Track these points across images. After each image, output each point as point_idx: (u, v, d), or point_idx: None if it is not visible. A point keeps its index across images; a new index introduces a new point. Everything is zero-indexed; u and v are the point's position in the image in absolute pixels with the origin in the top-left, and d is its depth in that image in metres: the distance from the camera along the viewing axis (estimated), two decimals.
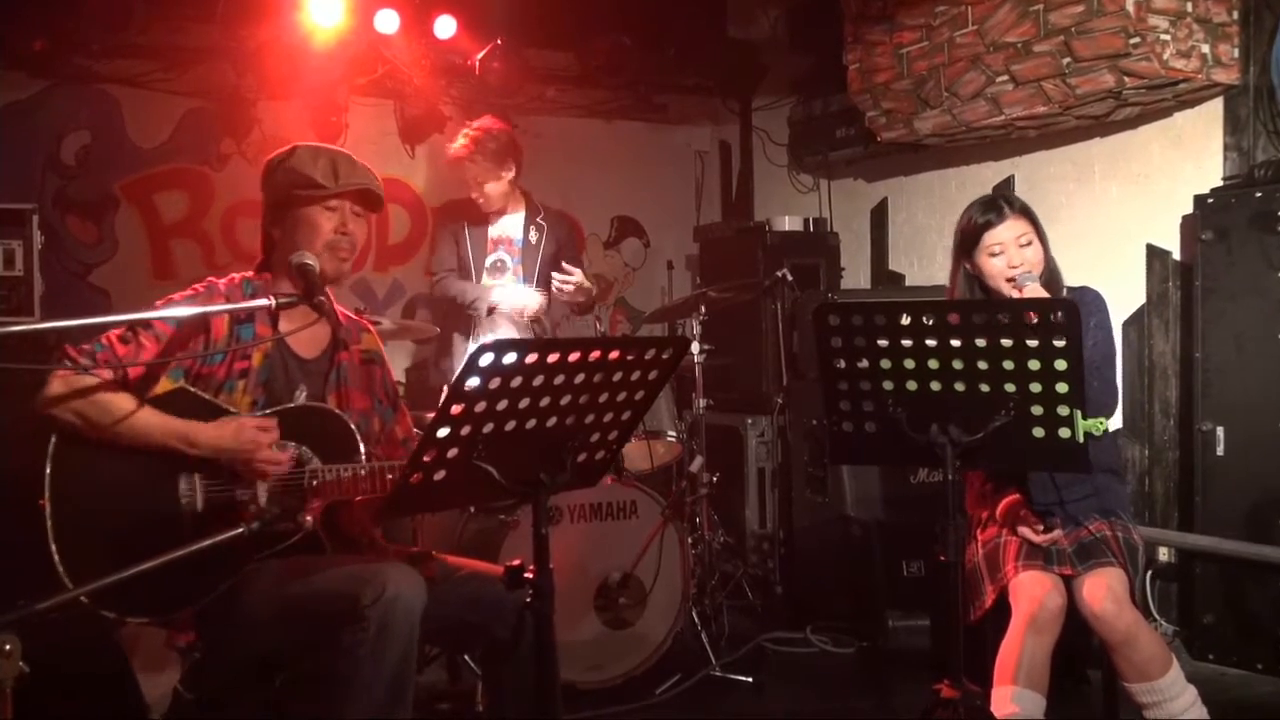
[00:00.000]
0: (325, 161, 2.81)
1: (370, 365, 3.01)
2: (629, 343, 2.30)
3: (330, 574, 2.59)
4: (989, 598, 3.15)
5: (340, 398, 2.89)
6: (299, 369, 2.86)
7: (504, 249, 5.02)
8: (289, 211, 2.82)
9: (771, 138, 6.70)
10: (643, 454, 4.51)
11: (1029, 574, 3.09)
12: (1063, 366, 2.45)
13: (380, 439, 3.00)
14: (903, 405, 2.60)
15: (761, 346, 5.64)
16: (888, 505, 4.70)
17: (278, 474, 2.65)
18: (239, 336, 2.79)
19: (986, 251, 3.21)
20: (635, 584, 4.21)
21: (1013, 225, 3.20)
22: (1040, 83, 4.47)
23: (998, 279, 3.20)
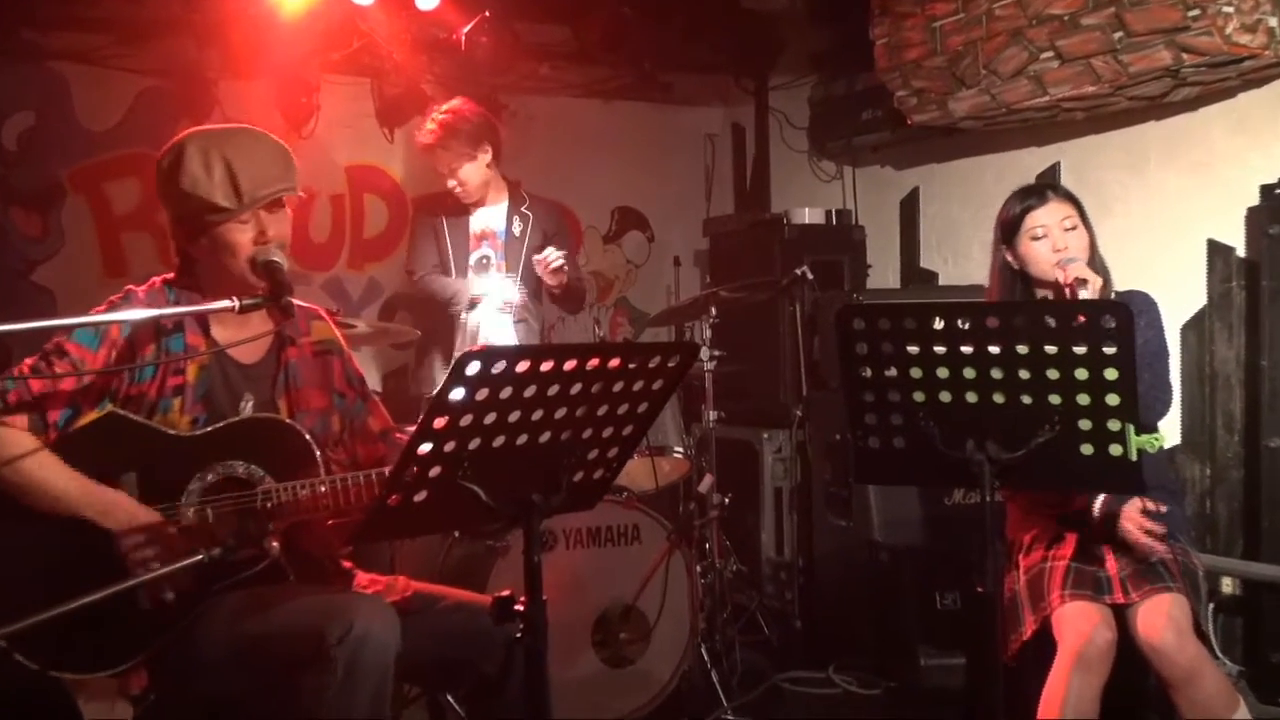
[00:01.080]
0: (220, 170, 2.70)
1: (325, 357, 2.99)
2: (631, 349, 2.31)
3: (291, 608, 2.58)
4: (1028, 629, 3.15)
5: (292, 400, 2.88)
6: (241, 377, 2.85)
7: (488, 244, 5.03)
8: (200, 234, 2.75)
9: (790, 120, 6.70)
10: (646, 472, 4.51)
11: (1075, 605, 3.09)
12: (1113, 376, 2.45)
13: (343, 439, 2.99)
14: (935, 418, 2.60)
15: (778, 352, 5.64)
16: (919, 530, 4.69)
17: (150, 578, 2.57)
18: (167, 349, 2.77)
19: (1029, 235, 3.28)
20: (638, 617, 4.21)
21: (1056, 208, 3.28)
22: (1089, 60, 4.47)
23: (1042, 265, 3.26)
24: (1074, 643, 3.02)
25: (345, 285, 6.25)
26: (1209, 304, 4.66)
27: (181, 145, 2.74)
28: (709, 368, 4.82)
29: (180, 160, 2.72)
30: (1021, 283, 3.36)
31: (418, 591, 2.84)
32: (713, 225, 6.44)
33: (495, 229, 5.02)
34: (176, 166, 2.72)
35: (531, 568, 2.30)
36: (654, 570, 4.24)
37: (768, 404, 5.70)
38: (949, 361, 2.56)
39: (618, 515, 4.25)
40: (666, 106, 6.97)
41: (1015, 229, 3.32)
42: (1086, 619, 3.06)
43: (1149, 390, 3.14)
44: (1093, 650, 3.01)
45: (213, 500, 2.69)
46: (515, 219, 5.02)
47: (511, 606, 2.30)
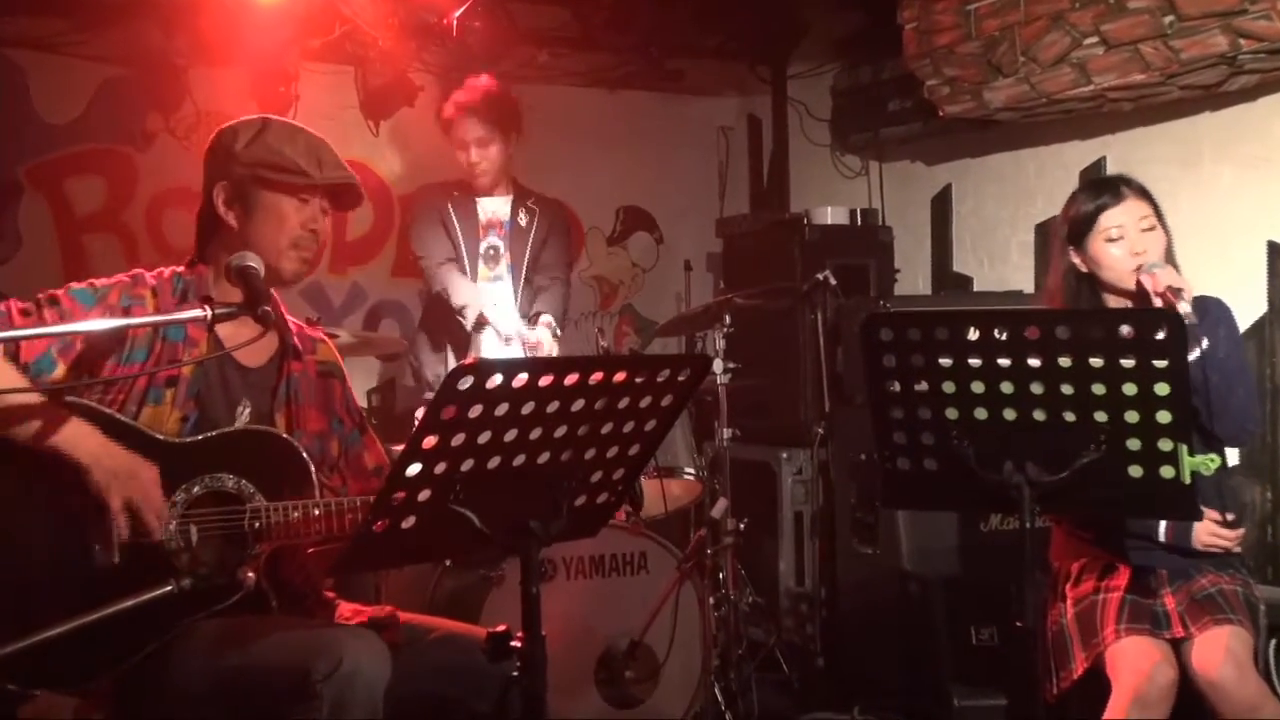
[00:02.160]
0: (305, 144, 2.86)
1: (328, 379, 3.04)
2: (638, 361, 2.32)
3: (275, 641, 2.59)
4: (1079, 667, 3.15)
5: (291, 416, 2.91)
6: (240, 380, 2.88)
7: (495, 233, 5.14)
8: (252, 193, 2.84)
9: (811, 111, 6.72)
10: (655, 496, 4.50)
11: (1132, 640, 3.09)
12: (1164, 391, 2.46)
13: (339, 466, 3.02)
14: (970, 437, 2.61)
15: (798, 365, 5.64)
16: (952, 559, 4.69)
17: (136, 534, 2.60)
18: (165, 336, 2.80)
19: (1103, 237, 3.27)
20: (645, 654, 4.21)
21: (1133, 206, 3.27)
22: (1137, 46, 4.48)
23: (1118, 269, 3.25)
24: (1132, 682, 3.01)
25: (326, 291, 6.26)
26: (1270, 311, 4.67)
27: (264, 118, 2.89)
28: (723, 381, 4.82)
29: (267, 125, 2.87)
30: (1090, 285, 3.35)
31: (406, 624, 2.85)
32: (726, 226, 6.44)
33: (502, 218, 5.13)
34: (262, 128, 2.86)
35: (529, 600, 2.31)
36: (663, 602, 4.24)
37: (787, 421, 5.70)
38: (985, 375, 2.56)
39: (623, 543, 4.25)
40: (676, 96, 6.99)
41: (1087, 229, 3.29)
42: (1145, 656, 3.05)
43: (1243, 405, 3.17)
44: (1153, 690, 3.00)
45: (198, 516, 2.70)
46: (521, 211, 5.17)
47: (508, 642, 2.30)
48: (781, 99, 6.89)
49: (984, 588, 4.48)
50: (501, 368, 2.10)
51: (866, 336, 2.62)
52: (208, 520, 2.70)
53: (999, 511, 4.28)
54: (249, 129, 2.87)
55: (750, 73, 6.94)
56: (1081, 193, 3.35)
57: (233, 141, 2.85)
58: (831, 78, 6.46)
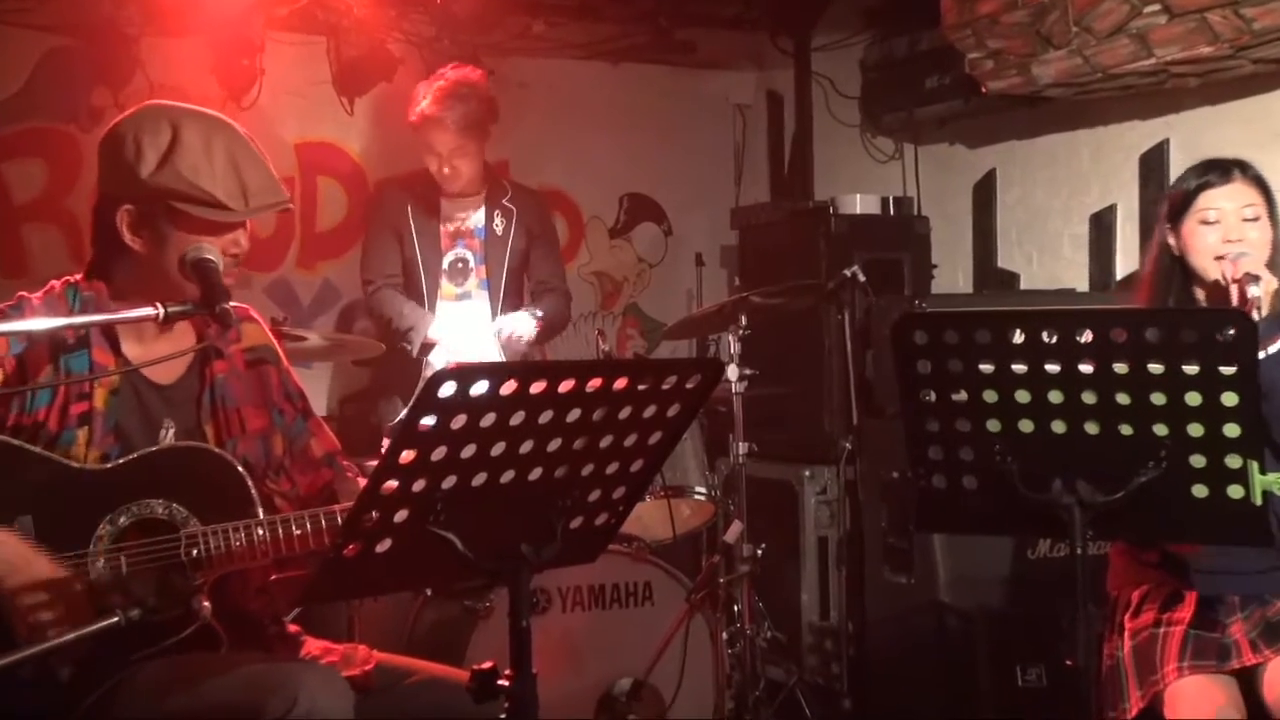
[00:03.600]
0: (224, 164, 2.74)
1: (260, 367, 3.02)
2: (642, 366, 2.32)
3: (225, 680, 2.59)
4: (1134, 707, 3.15)
5: (222, 425, 2.90)
6: (158, 400, 2.87)
7: (464, 244, 5.05)
8: (163, 226, 2.76)
9: (838, 88, 6.73)
10: (661, 518, 4.52)
11: (1195, 681, 3.10)
12: (1232, 402, 2.45)
13: (285, 465, 3.01)
14: (1014, 453, 2.61)
15: (823, 372, 5.65)
16: (995, 589, 4.69)
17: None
18: (68, 369, 2.78)
19: (1197, 218, 3.31)
20: (650, 695, 4.21)
21: (1238, 191, 3.31)
22: (1204, 14, 4.48)
23: (1203, 255, 3.30)
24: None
25: (294, 288, 6.27)
26: None
27: (171, 121, 2.77)
28: (738, 390, 4.82)
29: (177, 138, 2.75)
30: (1180, 274, 3.39)
31: (382, 664, 2.85)
32: (743, 216, 6.45)
33: (473, 226, 5.06)
34: (169, 153, 2.74)
35: (519, 633, 2.31)
36: (670, 638, 4.24)
37: (810, 435, 5.70)
38: (1031, 383, 2.56)
39: (626, 570, 4.26)
40: (687, 71, 7.01)
41: (1184, 207, 3.34)
42: (1209, 700, 3.06)
43: None
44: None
45: (128, 548, 2.69)
46: (496, 215, 5.07)
47: (495, 681, 2.30)
48: (805, 73, 6.90)
49: (1031, 622, 4.48)
50: (488, 373, 2.10)
51: (898, 339, 2.62)
52: (139, 552, 2.69)
53: (1047, 536, 4.28)
54: (154, 144, 2.73)
55: (770, 44, 6.96)
56: (1191, 169, 3.41)
57: (136, 160, 2.74)
58: (861, 50, 6.47)
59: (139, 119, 2.80)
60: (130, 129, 2.78)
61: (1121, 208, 5.48)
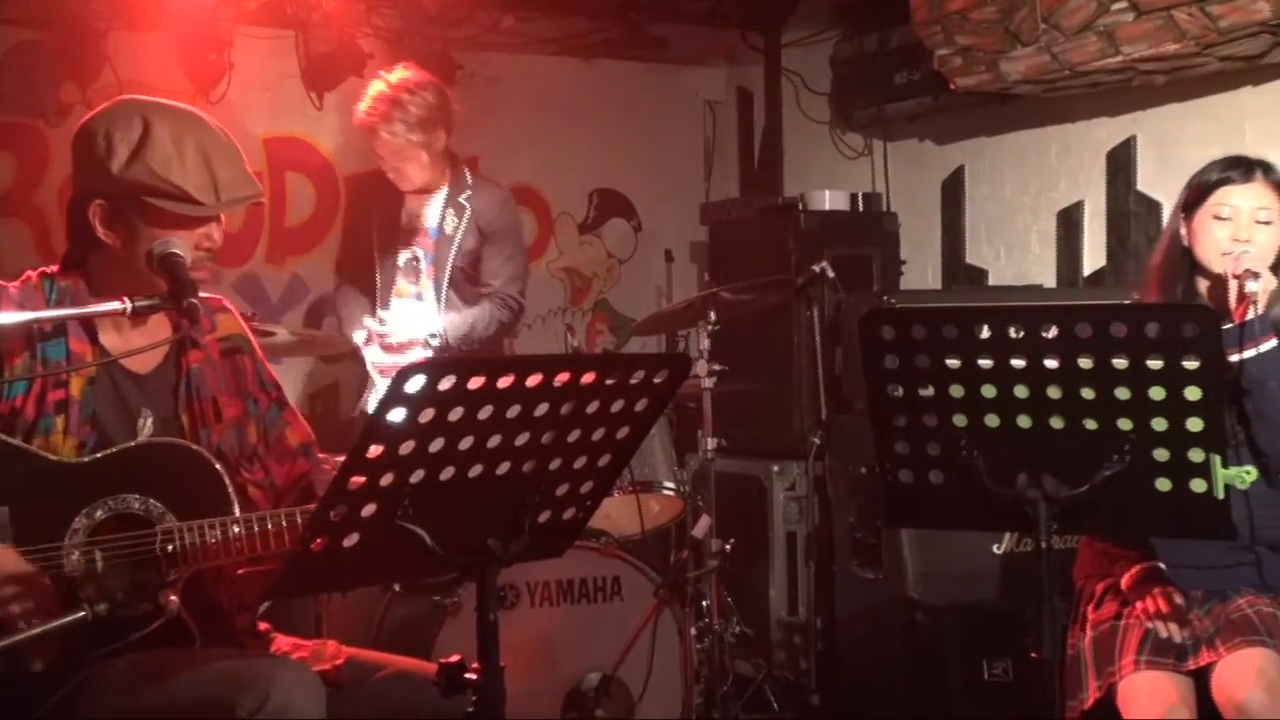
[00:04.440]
0: (196, 158, 2.75)
1: (235, 356, 3.02)
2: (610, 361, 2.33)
3: (196, 676, 2.59)
4: (1090, 696, 3.19)
5: (197, 414, 2.90)
6: (136, 390, 2.87)
7: (419, 244, 4.98)
8: (135, 221, 2.77)
9: (808, 84, 6.74)
10: (630, 513, 4.52)
11: (1149, 676, 3.13)
12: (1195, 396, 2.47)
13: (260, 454, 3.01)
14: (980, 448, 2.62)
15: (792, 368, 5.66)
16: (963, 584, 4.70)
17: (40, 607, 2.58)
18: (44, 358, 2.78)
19: (1211, 211, 3.34)
20: (619, 690, 4.22)
21: (1255, 191, 3.33)
22: (1170, 12, 4.51)
23: (1210, 250, 3.33)
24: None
25: (263, 283, 6.25)
26: None
27: (143, 116, 2.76)
28: (707, 385, 4.83)
29: (148, 133, 2.74)
30: (1189, 264, 3.42)
31: (351, 659, 2.86)
32: (713, 212, 6.45)
33: (428, 224, 4.96)
34: (140, 148, 2.73)
35: (486, 628, 2.32)
36: (638, 633, 4.24)
37: (779, 430, 5.72)
38: (997, 378, 2.57)
39: (594, 565, 4.26)
40: (658, 66, 7.01)
41: (1200, 199, 3.37)
42: (1160, 698, 3.09)
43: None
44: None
45: (103, 542, 2.69)
46: (449, 212, 4.92)
47: (462, 675, 2.31)
48: (775, 70, 6.91)
49: (998, 616, 4.50)
50: (456, 367, 2.11)
51: (865, 334, 2.63)
52: (114, 546, 2.69)
53: (1013, 530, 4.30)
54: (125, 139, 2.73)
55: (741, 40, 6.97)
56: (1216, 162, 3.43)
57: (107, 156, 2.74)
58: (831, 46, 6.48)
59: (110, 114, 2.79)
60: (102, 124, 2.78)
61: (1089, 204, 5.51)
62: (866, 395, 2.71)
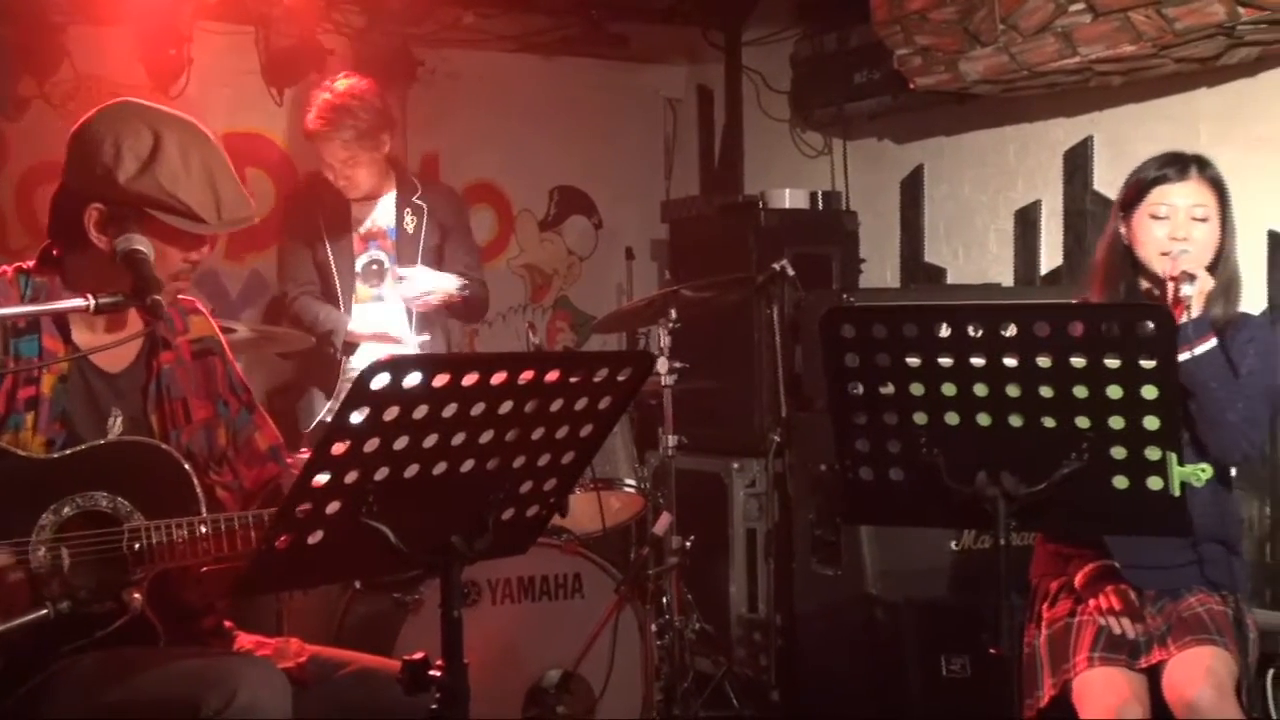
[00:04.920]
0: (201, 176, 2.74)
1: (206, 358, 3.03)
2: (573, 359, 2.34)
3: (161, 674, 2.59)
4: (1046, 694, 3.22)
5: (167, 415, 2.90)
6: (107, 389, 2.87)
7: (377, 245, 5.02)
8: (133, 228, 2.74)
9: (768, 82, 6.75)
10: (591, 510, 4.53)
11: (1102, 672, 3.16)
12: (1152, 395, 2.50)
13: (229, 457, 3.02)
14: (940, 445, 2.65)
15: (752, 365, 5.68)
16: (922, 580, 4.73)
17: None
18: (17, 353, 2.77)
19: (1148, 211, 3.37)
20: (580, 687, 4.22)
21: (1191, 189, 3.37)
22: (1127, 14, 4.54)
23: (1150, 249, 3.35)
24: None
25: (222, 280, 6.22)
26: (1270, 308, 4.74)
27: (152, 127, 2.75)
28: (668, 383, 4.84)
29: (159, 146, 2.73)
30: (1130, 263, 3.44)
31: (315, 656, 2.86)
32: (673, 210, 6.46)
33: (385, 226, 5.02)
34: (149, 163, 2.72)
35: (451, 625, 2.33)
36: (599, 630, 4.25)
37: (739, 428, 5.73)
38: (957, 376, 2.60)
39: (556, 563, 4.26)
40: (618, 64, 7.00)
41: (1138, 198, 3.40)
42: (1114, 692, 3.12)
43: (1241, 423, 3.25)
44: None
45: (69, 539, 2.68)
46: (407, 212, 5.01)
47: (426, 672, 2.31)
48: (735, 68, 6.92)
49: (956, 613, 4.53)
50: (420, 365, 2.11)
51: (826, 333, 2.65)
52: (80, 543, 2.68)
53: (972, 527, 4.32)
54: (135, 150, 2.72)
55: (701, 38, 6.97)
56: (1153, 159, 3.46)
57: (115, 164, 2.72)
58: (791, 45, 6.49)
59: (117, 121, 2.77)
60: (109, 131, 2.75)
61: (1046, 204, 5.55)
62: (827, 393, 2.73)
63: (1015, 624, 2.68)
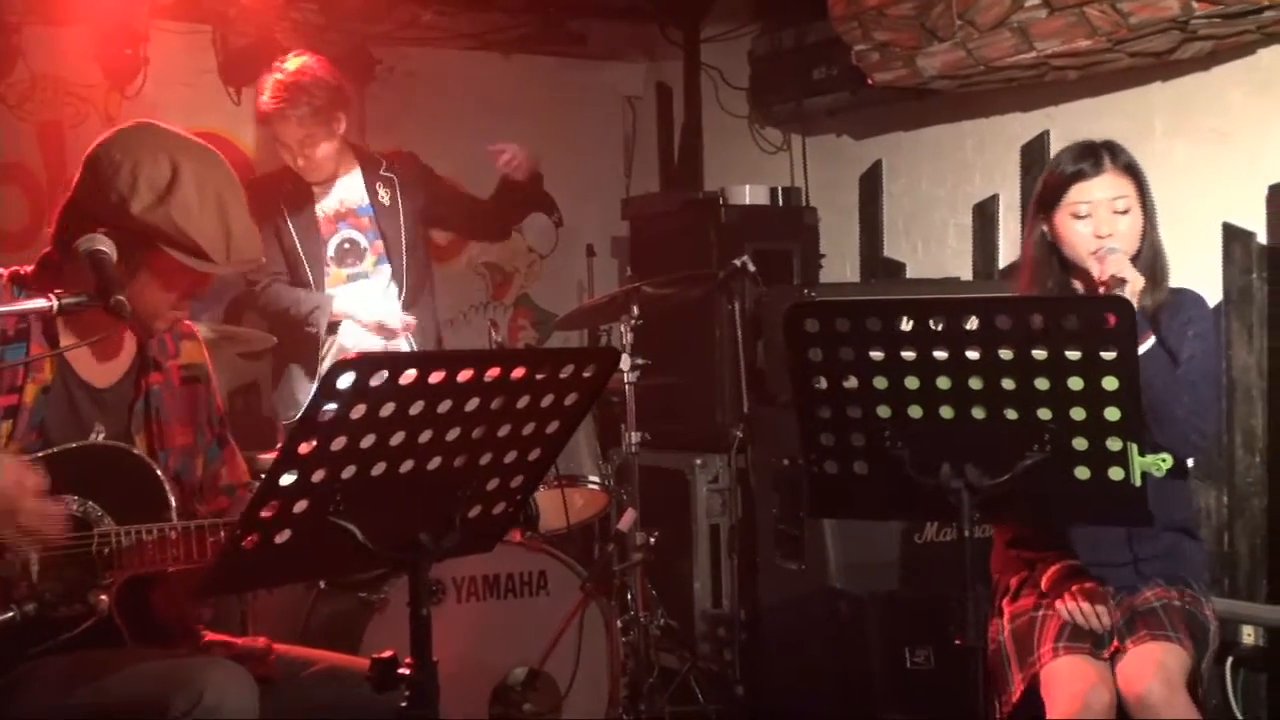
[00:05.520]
0: (216, 214, 2.73)
1: (194, 385, 3.03)
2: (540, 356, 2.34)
3: (129, 675, 2.59)
4: (1016, 689, 3.23)
5: (153, 436, 2.90)
6: (91, 403, 2.86)
7: (348, 225, 4.99)
8: (140, 258, 2.74)
9: (727, 79, 6.76)
10: (556, 507, 4.53)
11: (1068, 660, 3.18)
12: (1113, 386, 2.52)
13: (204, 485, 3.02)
14: (904, 438, 2.66)
15: (714, 361, 5.69)
16: (885, 573, 4.75)
17: (49, 537, 2.62)
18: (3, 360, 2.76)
19: (1069, 211, 3.33)
20: (546, 684, 4.22)
21: (1110, 182, 3.33)
22: (1083, 9, 4.57)
23: (1078, 249, 3.32)
24: (1067, 708, 3.10)
25: None
26: (1225, 300, 4.78)
27: (171, 157, 2.73)
28: (630, 379, 4.85)
29: (176, 179, 2.72)
30: (1058, 262, 3.42)
31: (282, 655, 2.86)
32: (634, 206, 6.47)
33: (354, 204, 4.98)
34: (165, 196, 2.71)
35: (419, 623, 2.33)
36: (565, 627, 4.26)
37: (701, 424, 5.74)
38: (920, 370, 2.61)
39: (521, 560, 4.26)
40: (577, 61, 7.00)
41: (1056, 198, 3.35)
42: (1081, 678, 3.14)
43: (1189, 416, 3.24)
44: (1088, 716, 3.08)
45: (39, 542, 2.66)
46: (379, 186, 4.97)
47: (395, 670, 2.31)
48: (694, 65, 6.92)
49: (920, 605, 4.55)
50: (387, 362, 2.12)
51: (790, 328, 2.66)
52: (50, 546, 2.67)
53: (936, 519, 4.34)
54: (150, 180, 2.71)
55: (660, 35, 6.98)
56: (1065, 153, 3.42)
57: (130, 193, 2.70)
58: (750, 41, 6.50)
59: (136, 146, 2.76)
60: (127, 157, 2.74)
61: (1004, 198, 5.57)
62: (791, 388, 2.74)
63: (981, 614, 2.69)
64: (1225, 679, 4.61)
